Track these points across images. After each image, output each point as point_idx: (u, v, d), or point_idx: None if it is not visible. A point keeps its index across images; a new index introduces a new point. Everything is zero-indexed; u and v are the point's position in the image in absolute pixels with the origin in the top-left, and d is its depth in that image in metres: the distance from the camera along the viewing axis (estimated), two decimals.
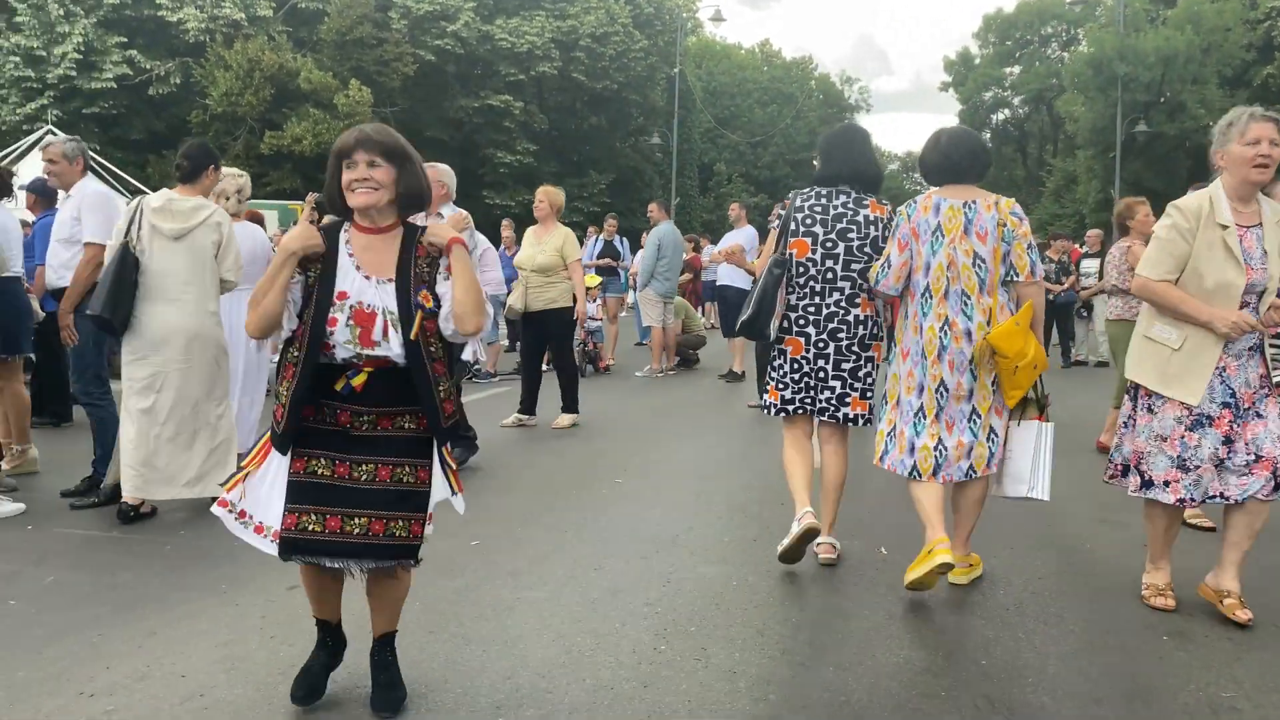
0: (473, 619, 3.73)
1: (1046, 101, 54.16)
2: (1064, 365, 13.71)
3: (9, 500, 5.21)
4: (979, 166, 4.17)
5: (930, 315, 4.08)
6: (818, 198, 4.46)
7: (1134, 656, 3.48)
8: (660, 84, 41.07)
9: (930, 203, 4.12)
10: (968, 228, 4.03)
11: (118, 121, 30.22)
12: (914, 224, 4.12)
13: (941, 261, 4.04)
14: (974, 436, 4.09)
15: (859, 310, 4.39)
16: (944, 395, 4.07)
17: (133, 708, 2.98)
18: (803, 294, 4.42)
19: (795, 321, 4.44)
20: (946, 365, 4.05)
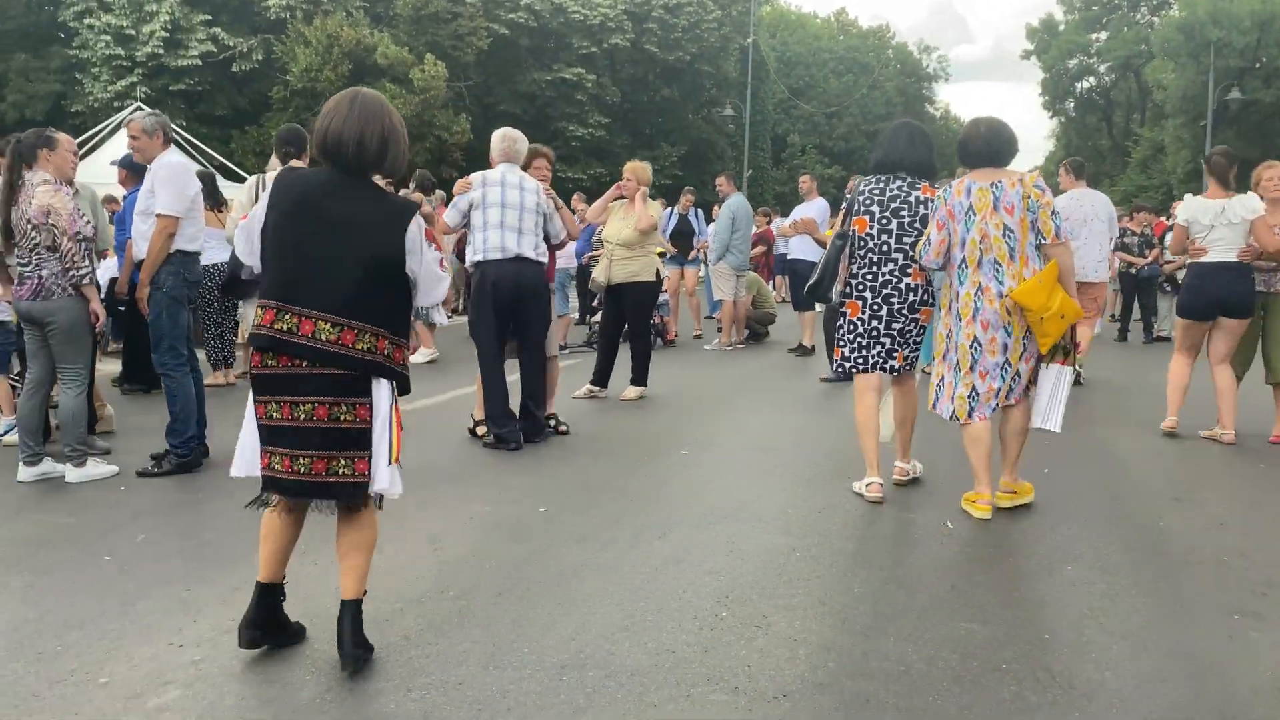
0: (539, 582, 3.83)
1: (1134, 69, 52.35)
2: (1145, 341, 13.37)
3: (104, 463, 5.47)
4: (1011, 151, 4.81)
5: (966, 283, 4.76)
6: (876, 182, 5.14)
7: (1202, 635, 3.44)
8: (733, 54, 40.68)
9: (963, 186, 4.75)
10: (996, 204, 4.65)
11: (203, 98, 31.00)
12: (950, 205, 4.76)
13: (975, 236, 4.69)
14: (1003, 383, 4.77)
15: (910, 279, 5.08)
16: (978, 350, 4.75)
17: (218, 659, 3.14)
18: (862, 264, 5.13)
19: (855, 287, 5.16)
20: (980, 325, 4.73)
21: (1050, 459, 6.15)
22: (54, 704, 2.83)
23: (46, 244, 5.17)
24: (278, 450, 3.03)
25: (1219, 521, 4.83)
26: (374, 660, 3.12)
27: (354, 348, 2.96)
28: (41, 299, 5.20)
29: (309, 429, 2.98)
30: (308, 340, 2.93)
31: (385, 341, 3.02)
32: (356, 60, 29.82)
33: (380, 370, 3.01)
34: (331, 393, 2.96)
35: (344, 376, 2.97)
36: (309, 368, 2.95)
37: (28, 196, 5.18)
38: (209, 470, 5.58)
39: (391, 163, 3.07)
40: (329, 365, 2.94)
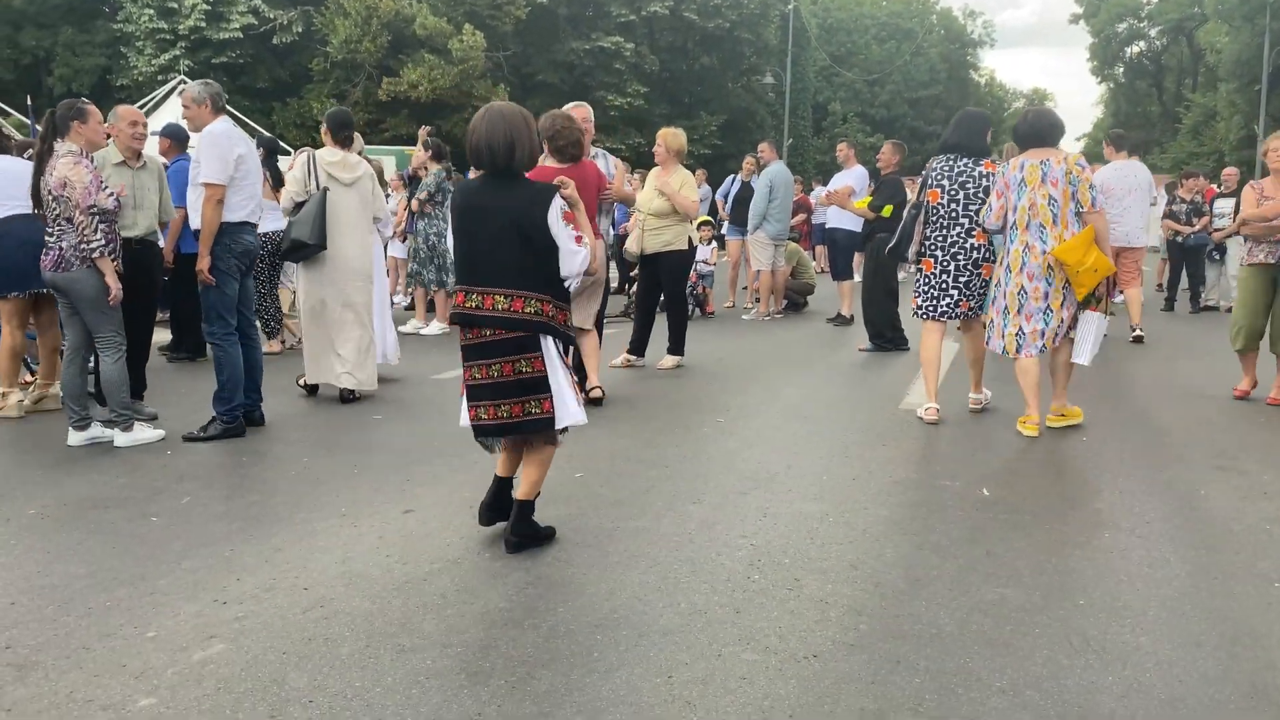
0: (575, 545, 3.88)
1: (1186, 32, 51.00)
2: (1192, 310, 13.13)
3: (150, 427, 5.59)
4: (1056, 134, 5.87)
5: (1016, 242, 5.81)
6: (946, 160, 6.23)
7: (1240, 602, 3.41)
8: (774, 21, 40.19)
9: (1017, 163, 5.81)
10: (1044, 178, 5.68)
11: (244, 70, 31.26)
12: (1006, 179, 5.85)
13: (1025, 204, 5.74)
14: (1047, 324, 5.76)
15: (974, 240, 6.13)
16: (1024, 297, 5.78)
17: (261, 615, 3.22)
18: (934, 229, 6.21)
19: (928, 248, 6.24)
20: (1026, 276, 5.78)
21: (1090, 427, 6.09)
22: (103, 656, 2.92)
23: (66, 215, 5.26)
24: (482, 404, 3.75)
25: (1262, 490, 4.76)
26: (411, 617, 3.18)
27: (523, 312, 3.64)
28: (62, 270, 5.29)
29: (502, 383, 3.70)
30: (489, 312, 3.65)
31: (549, 305, 3.69)
32: (395, 31, 29.90)
33: (546, 330, 3.69)
34: (514, 351, 3.67)
35: (519, 338, 3.66)
36: (491, 335, 3.67)
37: (51, 167, 5.26)
38: (252, 436, 5.69)
39: (519, 161, 3.68)
40: (507, 330, 3.65)
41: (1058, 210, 5.65)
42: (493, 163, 3.68)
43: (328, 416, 6.24)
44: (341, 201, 6.53)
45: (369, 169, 6.82)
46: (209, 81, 5.92)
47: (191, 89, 5.75)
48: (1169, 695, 2.74)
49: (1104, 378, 7.90)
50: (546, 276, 3.68)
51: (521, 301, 3.64)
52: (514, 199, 3.68)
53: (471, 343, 3.73)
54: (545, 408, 3.71)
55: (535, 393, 3.71)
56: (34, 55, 32.56)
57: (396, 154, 20.90)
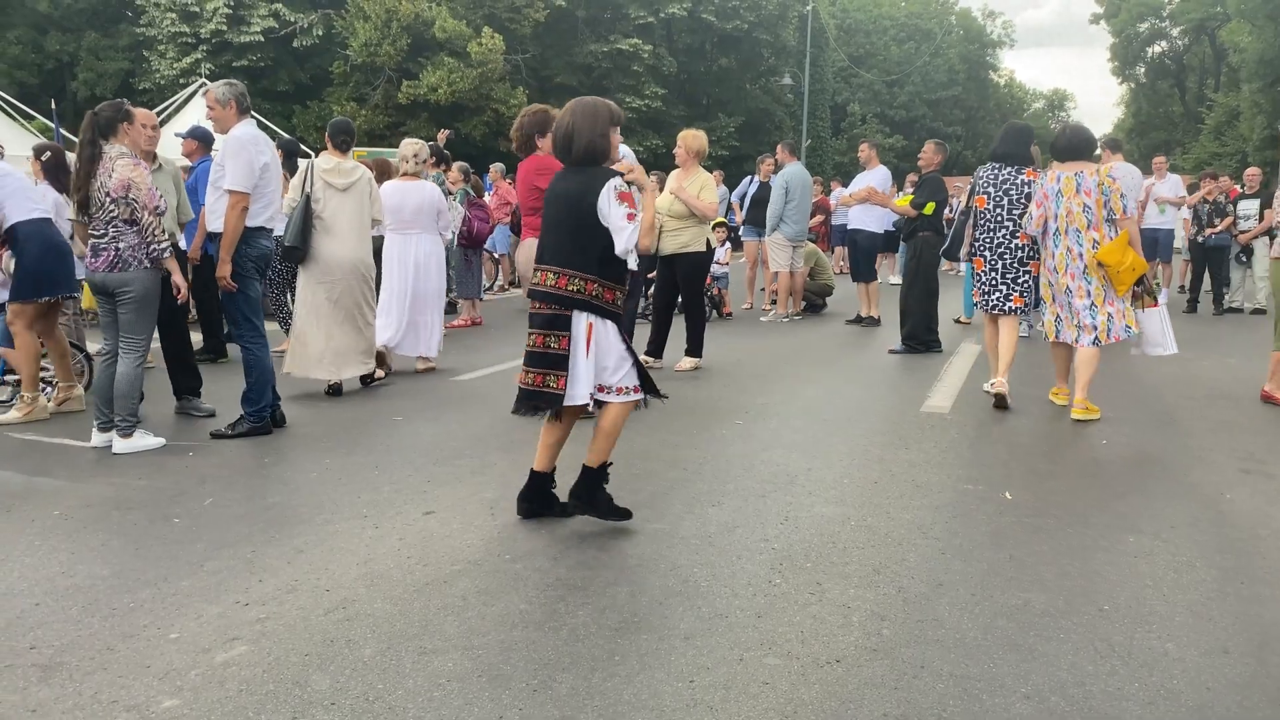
0: (594, 548, 3.87)
1: (1209, 31, 50.52)
2: (1216, 312, 13.00)
3: (150, 435, 5.55)
4: (1089, 148, 6.66)
5: (1059, 246, 6.43)
6: (992, 169, 6.93)
7: (1268, 607, 3.37)
8: (792, 22, 40.10)
9: (1054, 174, 6.46)
10: (1078, 189, 6.33)
11: (265, 74, 31.44)
12: (1045, 189, 6.49)
13: (1063, 212, 6.38)
14: (1094, 319, 6.33)
15: (1017, 241, 6.77)
16: (1069, 295, 6.42)
17: (283, 616, 3.23)
18: (982, 231, 6.90)
19: (977, 248, 6.95)
20: (1069, 276, 6.40)
21: (1113, 430, 6.04)
22: (127, 656, 2.94)
23: (125, 217, 5.28)
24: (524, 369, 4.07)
25: None
26: (432, 620, 3.18)
27: (565, 289, 3.93)
28: (119, 270, 5.32)
29: (532, 353, 4.02)
30: (541, 287, 3.99)
31: (594, 284, 3.93)
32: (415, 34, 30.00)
33: (586, 307, 3.94)
34: (547, 326, 3.97)
35: (555, 314, 3.96)
36: (539, 308, 4.00)
37: (107, 169, 5.27)
38: (274, 437, 5.71)
39: (577, 152, 3.98)
40: (548, 304, 3.97)
41: (1092, 217, 6.28)
42: (561, 153, 4.05)
43: (348, 417, 6.26)
44: (337, 205, 6.78)
45: (366, 174, 7.01)
46: (233, 82, 5.91)
47: (216, 90, 5.76)
48: (1196, 702, 2.71)
49: (1126, 380, 7.83)
50: (598, 257, 3.93)
51: (565, 279, 3.94)
52: (574, 185, 3.98)
53: (530, 312, 4.10)
54: (559, 385, 3.94)
55: (555, 369, 3.95)
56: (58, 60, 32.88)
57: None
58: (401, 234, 7.77)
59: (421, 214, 7.78)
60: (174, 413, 6.34)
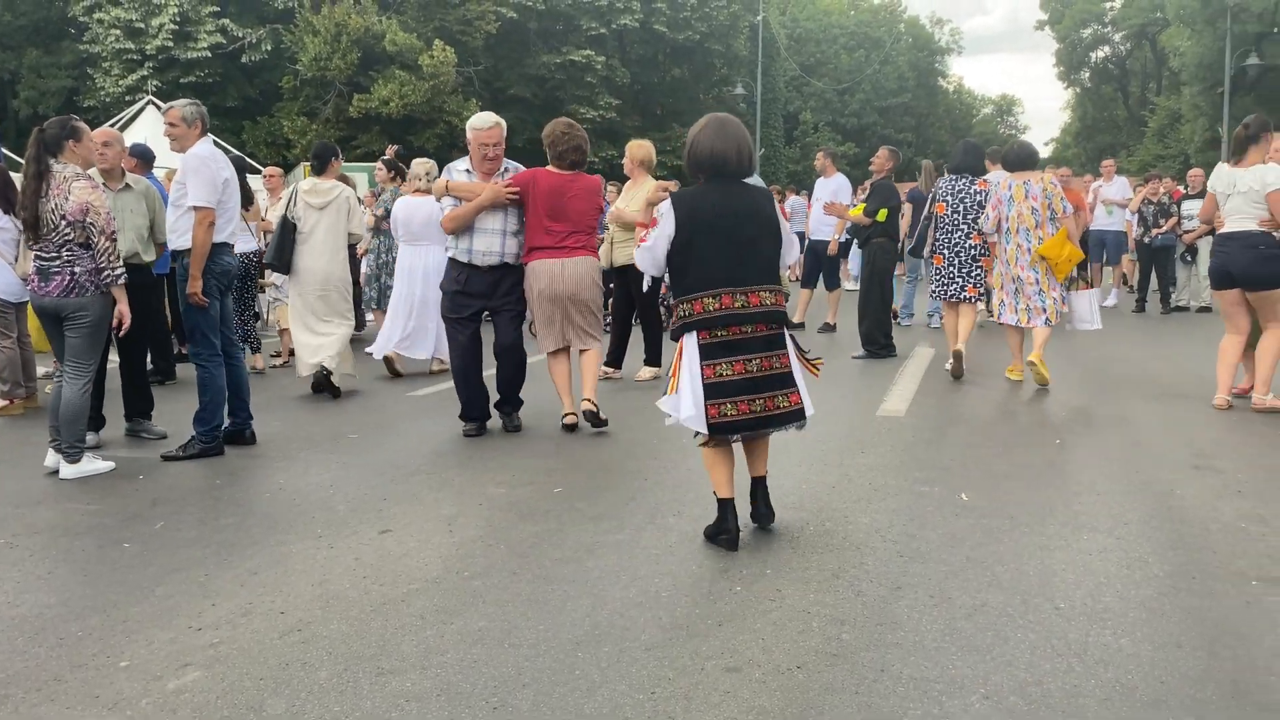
0: (554, 561, 3.84)
1: (1149, 36, 51.63)
2: (1163, 311, 13.25)
3: (100, 459, 5.44)
4: (1035, 160, 7.98)
5: (1011, 243, 7.64)
6: (950, 181, 8.29)
7: (1220, 601, 3.42)
8: (743, 33, 40.37)
9: (1006, 182, 7.68)
10: (1027, 194, 7.55)
11: (213, 90, 31.02)
12: (999, 195, 7.69)
13: (1014, 214, 7.59)
14: (1044, 303, 7.51)
15: (972, 241, 8.13)
16: (1020, 283, 7.59)
17: (237, 640, 3.17)
18: (942, 232, 8.28)
19: (937, 247, 8.30)
20: (1020, 268, 7.58)
21: (1067, 430, 6.13)
22: (75, 687, 2.87)
23: (79, 240, 5.16)
24: (730, 399, 3.90)
25: (1237, 489, 4.80)
26: (389, 639, 3.14)
27: (777, 306, 3.96)
28: (75, 295, 5.17)
29: (757, 378, 3.91)
30: (756, 308, 3.89)
31: (783, 298, 4.04)
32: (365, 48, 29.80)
33: (786, 322, 4.05)
34: (768, 348, 3.93)
35: (774, 333, 3.96)
36: (753, 331, 3.89)
37: (61, 190, 5.12)
38: (227, 458, 5.63)
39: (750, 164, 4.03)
40: (769, 324, 3.93)
41: (1038, 218, 7.51)
42: (731, 169, 3.97)
43: (303, 436, 6.18)
44: (314, 222, 7.53)
45: (345, 193, 7.67)
46: (197, 102, 5.85)
47: (184, 109, 5.67)
48: (1152, 697, 2.75)
49: (1078, 379, 7.95)
50: (778, 270, 4.09)
51: (780, 297, 4.00)
52: (748, 200, 3.99)
53: (726, 340, 3.89)
54: (793, 400, 3.99)
55: (785, 387, 3.97)
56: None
57: (368, 171, 20.80)
58: (412, 245, 8.23)
59: (430, 226, 7.94)
60: (124, 435, 6.22)
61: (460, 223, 5.99)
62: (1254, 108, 35.47)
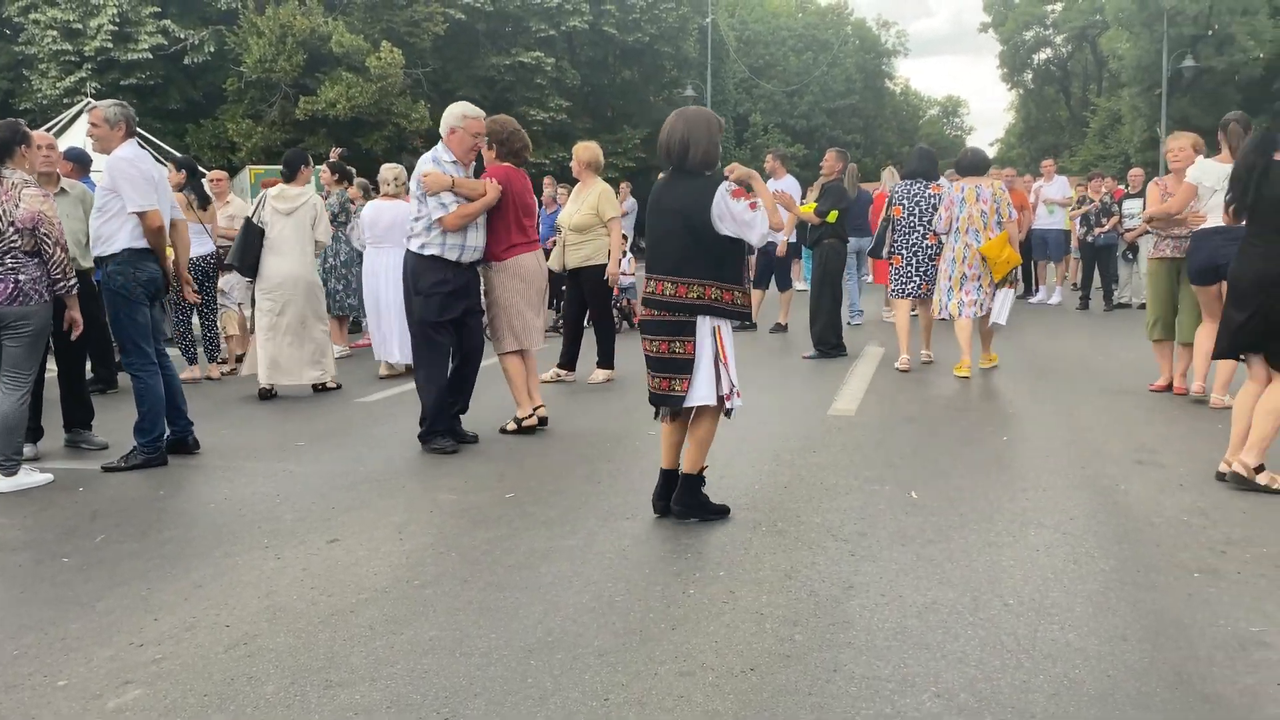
0: (506, 568, 3.81)
1: (1090, 39, 52.66)
2: (1106, 309, 13.50)
3: (37, 471, 5.30)
4: (985, 166, 8.56)
5: (959, 242, 8.07)
6: (906, 185, 8.80)
7: (1163, 594, 3.48)
8: (693, 35, 40.50)
9: (959, 186, 8.17)
10: (977, 198, 8.01)
11: (155, 92, 30.45)
12: (951, 197, 8.15)
13: (964, 216, 8.02)
14: (979, 297, 8.02)
15: (927, 241, 8.57)
16: (965, 279, 8.03)
17: (180, 656, 3.09)
18: (900, 234, 8.71)
19: (895, 247, 8.75)
20: (965, 265, 8.03)
21: (1013, 426, 6.21)
22: (10, 709, 2.78)
23: (26, 248, 5.02)
24: (650, 373, 4.32)
25: (1179, 483, 4.89)
26: (338, 651, 3.09)
27: (686, 298, 4.14)
28: (18, 304, 5.03)
29: (658, 358, 4.24)
30: (658, 296, 4.19)
31: (713, 289, 4.13)
32: (311, 49, 29.42)
33: (709, 311, 4.15)
34: (672, 333, 4.17)
35: (678, 321, 4.16)
36: (657, 315, 4.20)
37: (11, 197, 4.98)
38: (171, 468, 5.51)
39: (693, 159, 4.19)
40: (670, 313, 4.17)
41: (986, 220, 7.99)
42: (670, 160, 4.24)
43: (247, 445, 6.07)
44: (281, 227, 7.64)
45: (312, 199, 7.83)
46: (123, 103, 5.71)
47: (107, 110, 5.54)
48: (1099, 691, 2.78)
49: (1025, 376, 8.07)
50: (713, 262, 4.15)
51: (685, 288, 4.14)
52: (683, 197, 4.19)
53: (643, 319, 4.31)
54: (682, 386, 4.20)
55: (680, 372, 4.19)
56: None
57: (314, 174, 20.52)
58: (376, 248, 8.47)
59: (394, 230, 8.16)
60: (64, 446, 6.07)
61: (470, 220, 5.79)
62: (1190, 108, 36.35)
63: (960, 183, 8.21)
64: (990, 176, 8.52)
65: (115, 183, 5.42)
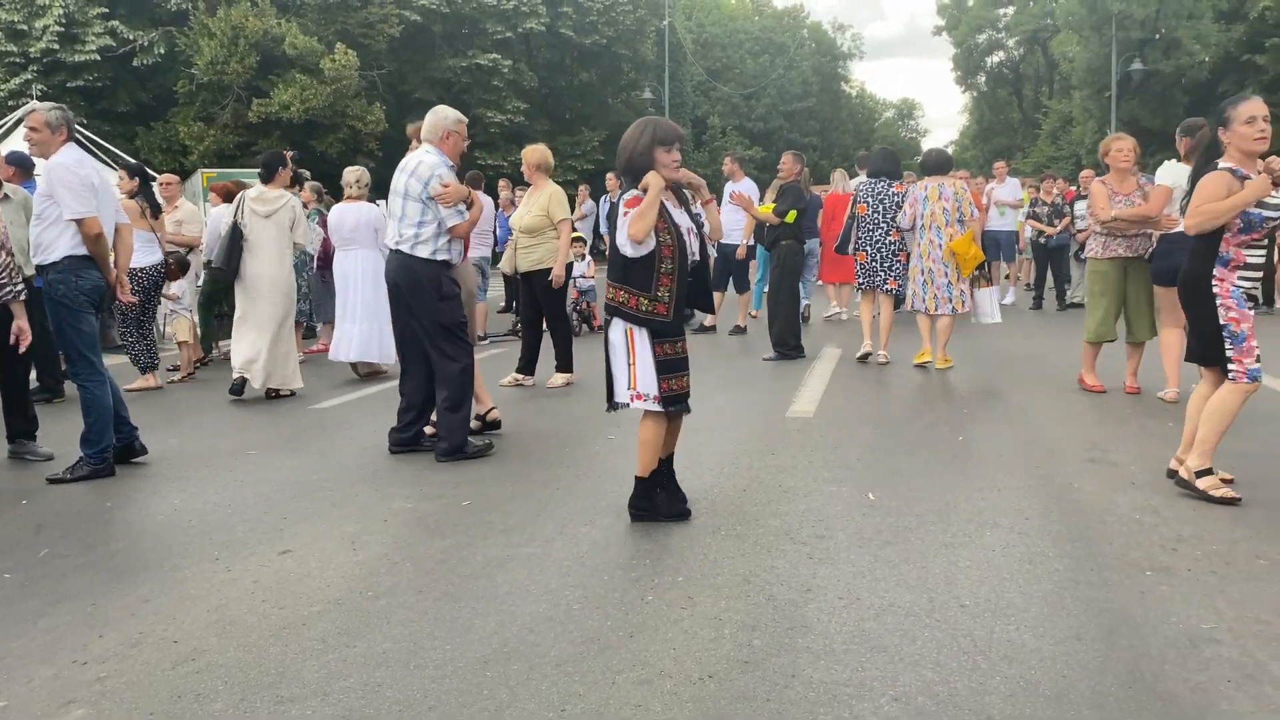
0: (462, 577, 3.76)
1: (1041, 42, 53.42)
2: (1059, 308, 13.68)
3: None
4: (948, 166, 8.89)
5: (924, 239, 8.46)
6: (870, 184, 9.10)
7: (1117, 592, 3.52)
8: (650, 37, 40.54)
9: (923, 184, 8.53)
10: (940, 196, 8.39)
11: (103, 94, 29.90)
12: (915, 195, 8.52)
13: (928, 213, 8.41)
14: (950, 294, 8.37)
15: (891, 237, 8.91)
16: (932, 274, 8.40)
17: (125, 674, 3.01)
18: (864, 230, 9.02)
19: (860, 244, 9.04)
20: (931, 260, 8.40)
21: (969, 426, 6.26)
22: None
23: None
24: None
25: (1130, 481, 4.95)
26: (289, 666, 3.02)
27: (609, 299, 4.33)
28: None
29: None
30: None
31: (620, 292, 4.26)
32: (264, 51, 29.05)
33: (618, 313, 4.29)
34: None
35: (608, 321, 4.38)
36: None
37: None
38: (118, 479, 5.39)
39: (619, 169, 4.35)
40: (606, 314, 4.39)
41: (949, 218, 8.36)
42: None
43: (196, 454, 5.95)
44: (260, 229, 7.76)
45: (290, 202, 7.92)
46: (63, 107, 5.60)
47: (47, 114, 5.41)
48: (1054, 691, 2.80)
49: (980, 376, 8.15)
50: (619, 265, 4.26)
51: (609, 289, 4.33)
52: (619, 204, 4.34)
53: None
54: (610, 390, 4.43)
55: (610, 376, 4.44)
56: None
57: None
58: (343, 250, 8.57)
59: (359, 230, 8.42)
60: (7, 457, 5.92)
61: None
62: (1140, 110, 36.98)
63: (924, 181, 8.55)
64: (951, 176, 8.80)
65: (53, 189, 5.29)
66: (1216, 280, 4.54)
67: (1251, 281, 4.59)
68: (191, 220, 9.64)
